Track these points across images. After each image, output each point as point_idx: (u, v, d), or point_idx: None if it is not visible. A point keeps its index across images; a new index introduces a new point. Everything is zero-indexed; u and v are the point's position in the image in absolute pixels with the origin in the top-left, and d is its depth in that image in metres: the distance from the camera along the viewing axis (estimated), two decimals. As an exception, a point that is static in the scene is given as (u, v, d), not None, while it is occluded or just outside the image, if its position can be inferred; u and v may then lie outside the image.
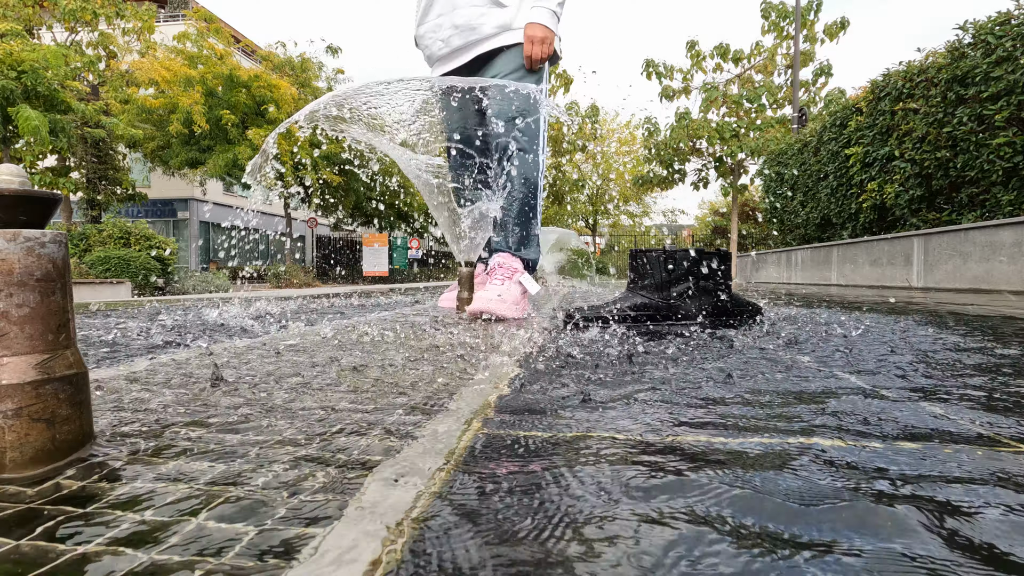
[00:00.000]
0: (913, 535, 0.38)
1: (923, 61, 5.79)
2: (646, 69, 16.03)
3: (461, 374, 0.96)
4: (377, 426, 0.64)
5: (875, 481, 0.48)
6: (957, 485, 0.47)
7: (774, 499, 0.43)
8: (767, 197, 10.87)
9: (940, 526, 0.39)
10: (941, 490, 0.45)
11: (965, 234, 5.03)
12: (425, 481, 0.47)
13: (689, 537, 0.38)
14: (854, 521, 0.40)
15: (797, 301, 3.24)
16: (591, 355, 1.14)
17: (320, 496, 0.44)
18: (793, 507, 0.42)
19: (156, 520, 0.40)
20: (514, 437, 0.60)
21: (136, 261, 9.75)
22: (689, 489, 0.46)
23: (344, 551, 0.36)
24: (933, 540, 0.38)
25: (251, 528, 0.39)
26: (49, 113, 10.29)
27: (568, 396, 0.80)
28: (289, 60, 16.63)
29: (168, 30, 17.66)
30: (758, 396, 0.80)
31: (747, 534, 0.38)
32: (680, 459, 0.53)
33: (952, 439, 0.60)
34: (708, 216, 31.00)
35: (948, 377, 0.96)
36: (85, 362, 0.54)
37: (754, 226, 20.67)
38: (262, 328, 1.78)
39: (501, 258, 2.19)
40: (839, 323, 1.76)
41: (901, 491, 0.45)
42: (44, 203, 0.52)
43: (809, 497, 0.44)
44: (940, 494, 0.45)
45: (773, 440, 0.59)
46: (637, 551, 0.36)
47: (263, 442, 0.57)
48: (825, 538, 0.38)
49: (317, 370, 0.99)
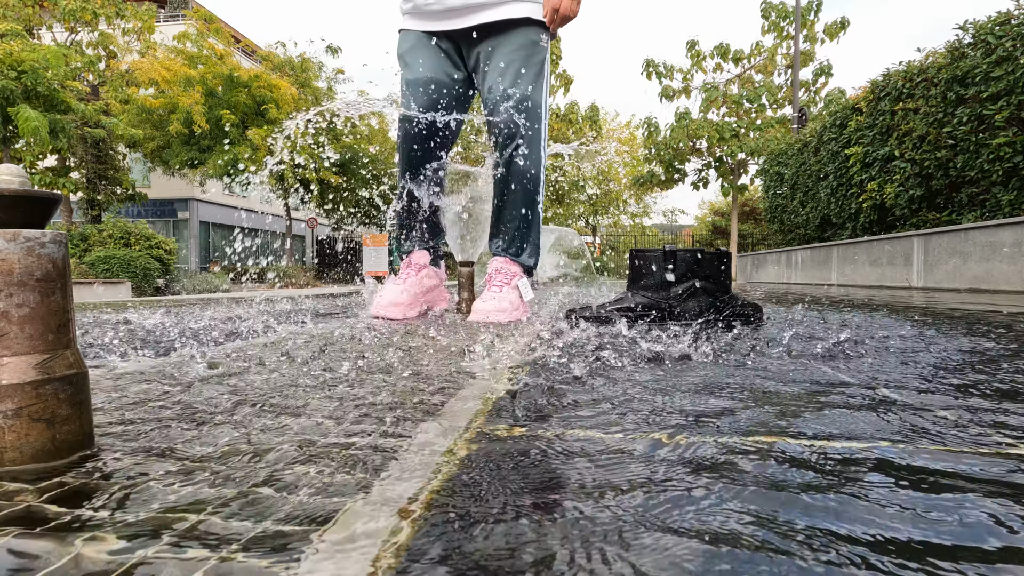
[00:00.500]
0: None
1: (923, 61, 5.79)
2: (646, 69, 16.04)
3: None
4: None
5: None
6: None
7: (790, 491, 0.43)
8: (767, 197, 10.88)
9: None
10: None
11: (965, 234, 5.04)
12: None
13: None
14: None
15: (809, 302, 3.24)
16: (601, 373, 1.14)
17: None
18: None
19: (156, 519, 0.40)
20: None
21: (136, 261, 9.76)
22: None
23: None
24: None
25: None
26: (49, 113, 10.30)
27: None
28: (289, 60, 16.63)
29: (168, 30, 17.66)
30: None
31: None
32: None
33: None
34: (708, 216, 31.00)
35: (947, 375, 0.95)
36: (85, 362, 0.54)
37: (754, 226, 20.68)
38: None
39: (499, 263, 2.10)
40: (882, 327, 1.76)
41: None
42: (44, 203, 0.52)
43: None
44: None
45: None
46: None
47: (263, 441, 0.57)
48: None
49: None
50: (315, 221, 19.34)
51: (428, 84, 2.02)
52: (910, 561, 0.34)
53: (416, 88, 2.01)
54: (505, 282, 2.05)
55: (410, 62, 2.05)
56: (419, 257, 2.15)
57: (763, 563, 0.34)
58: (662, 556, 0.35)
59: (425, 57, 2.03)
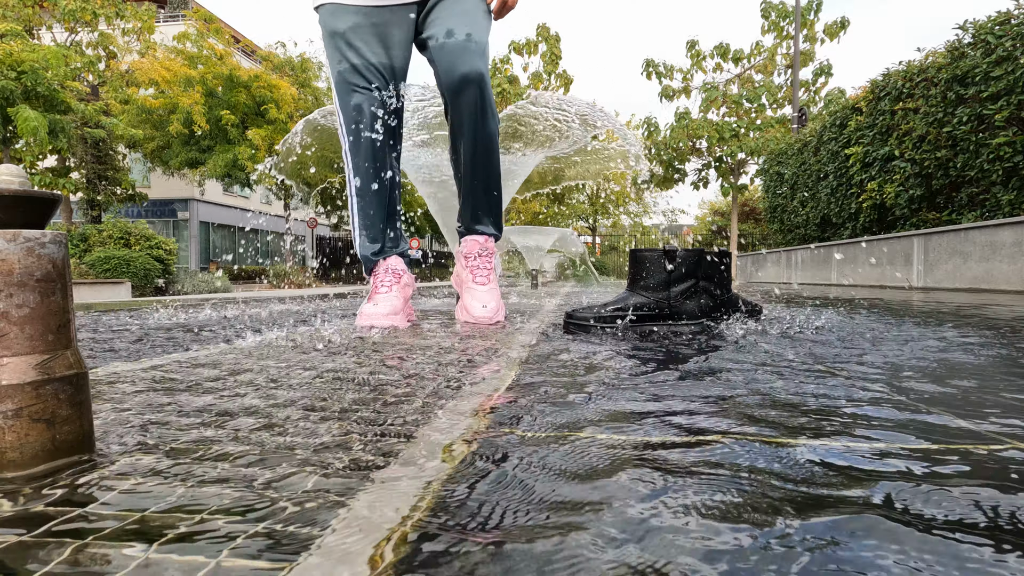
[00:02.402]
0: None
1: (923, 61, 5.79)
2: (646, 69, 16.05)
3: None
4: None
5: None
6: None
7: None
8: (767, 197, 10.89)
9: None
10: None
11: (965, 234, 5.04)
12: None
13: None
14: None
15: (812, 301, 3.24)
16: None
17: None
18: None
19: (155, 517, 0.40)
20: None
21: (136, 261, 9.76)
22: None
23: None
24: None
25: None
26: (49, 113, 10.31)
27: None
28: (289, 60, 16.64)
29: (168, 30, 17.67)
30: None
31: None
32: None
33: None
34: (708, 216, 31.02)
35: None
36: (85, 362, 0.54)
37: (754, 226, 20.69)
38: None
39: (476, 244, 1.94)
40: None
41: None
42: (44, 203, 0.52)
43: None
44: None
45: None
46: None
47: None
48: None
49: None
50: (315, 221, 19.35)
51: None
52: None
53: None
54: (489, 267, 1.92)
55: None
56: (396, 263, 1.91)
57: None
58: None
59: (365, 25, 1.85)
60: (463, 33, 1.76)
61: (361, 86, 1.80)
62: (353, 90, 1.80)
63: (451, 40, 1.76)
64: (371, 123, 1.81)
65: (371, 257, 1.90)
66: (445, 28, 1.77)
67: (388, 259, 1.90)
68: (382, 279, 1.87)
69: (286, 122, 14.40)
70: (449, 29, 1.76)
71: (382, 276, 1.87)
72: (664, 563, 0.31)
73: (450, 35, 1.76)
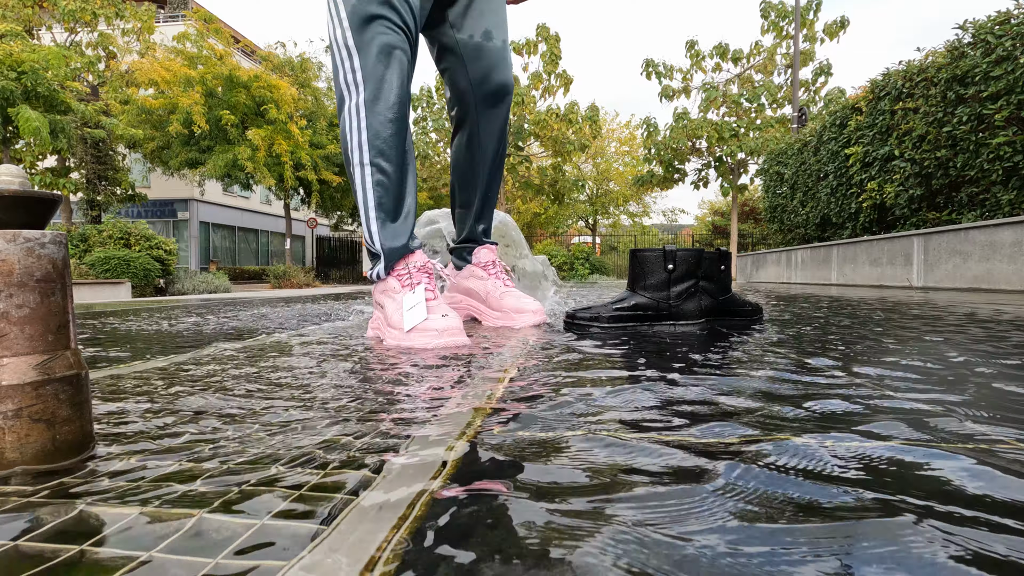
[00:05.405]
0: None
1: (923, 61, 5.79)
2: (646, 69, 16.06)
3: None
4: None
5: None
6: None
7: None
8: (767, 197, 10.89)
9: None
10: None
11: (965, 234, 5.04)
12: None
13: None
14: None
15: (806, 302, 3.24)
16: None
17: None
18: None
19: (155, 517, 0.40)
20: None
21: (136, 262, 9.76)
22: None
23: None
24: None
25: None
26: (49, 114, 10.31)
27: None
28: (289, 60, 16.65)
29: (168, 30, 17.69)
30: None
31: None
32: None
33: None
34: (708, 216, 31.04)
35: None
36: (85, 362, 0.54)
37: (754, 226, 20.70)
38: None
39: (491, 252, 1.84)
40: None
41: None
42: (44, 203, 0.52)
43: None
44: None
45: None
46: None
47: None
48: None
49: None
50: (315, 221, 19.36)
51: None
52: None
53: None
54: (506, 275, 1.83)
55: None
56: (421, 259, 1.45)
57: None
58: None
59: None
60: (500, 39, 1.66)
61: (395, 23, 1.37)
62: (384, 28, 1.35)
63: (490, 44, 1.65)
64: (400, 68, 1.38)
65: (397, 249, 1.41)
66: (483, 28, 1.63)
67: (416, 253, 1.44)
68: (416, 278, 1.39)
69: (286, 122, 14.40)
70: (487, 30, 1.64)
71: (415, 275, 1.39)
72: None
73: (488, 37, 1.64)
